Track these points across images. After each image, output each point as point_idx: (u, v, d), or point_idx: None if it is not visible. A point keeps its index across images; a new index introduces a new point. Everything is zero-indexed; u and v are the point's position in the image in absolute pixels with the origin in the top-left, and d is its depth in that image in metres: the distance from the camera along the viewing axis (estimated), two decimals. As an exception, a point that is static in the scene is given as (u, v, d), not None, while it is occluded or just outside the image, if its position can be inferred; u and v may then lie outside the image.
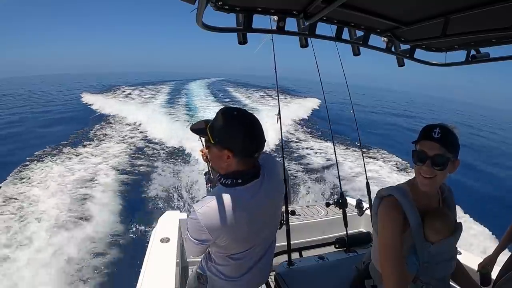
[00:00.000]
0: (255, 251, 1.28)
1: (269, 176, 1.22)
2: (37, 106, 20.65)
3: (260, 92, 26.90)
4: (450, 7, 1.09)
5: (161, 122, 12.66)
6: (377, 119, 22.27)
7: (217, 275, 1.29)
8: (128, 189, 6.78)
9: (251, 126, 1.11)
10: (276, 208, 1.36)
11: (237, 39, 1.29)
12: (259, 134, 1.12)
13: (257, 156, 1.16)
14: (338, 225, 2.56)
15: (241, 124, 1.10)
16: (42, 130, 12.61)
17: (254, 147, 1.12)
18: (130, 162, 8.49)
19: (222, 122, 1.10)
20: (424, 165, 1.09)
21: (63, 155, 8.79)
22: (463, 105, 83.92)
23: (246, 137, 1.09)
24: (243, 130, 1.09)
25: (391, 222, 1.14)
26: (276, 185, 1.27)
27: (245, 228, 1.15)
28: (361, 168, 8.57)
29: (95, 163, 8.22)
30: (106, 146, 9.91)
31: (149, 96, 22.01)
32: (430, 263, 1.16)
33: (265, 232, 1.28)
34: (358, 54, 1.60)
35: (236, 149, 1.10)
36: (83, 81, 46.42)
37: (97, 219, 5.38)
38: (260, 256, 1.32)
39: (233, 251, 1.22)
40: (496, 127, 32.32)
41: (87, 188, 6.61)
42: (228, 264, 1.26)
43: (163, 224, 2.60)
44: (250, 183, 1.15)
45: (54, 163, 8.03)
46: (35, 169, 7.52)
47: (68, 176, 7.21)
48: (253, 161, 1.17)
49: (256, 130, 1.12)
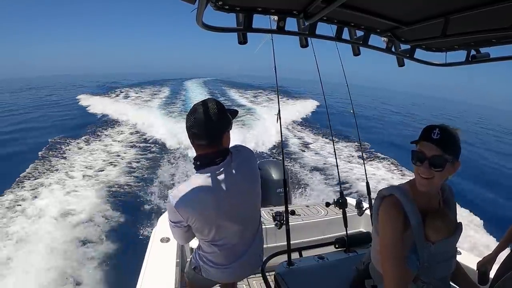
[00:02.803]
0: (238, 238, 1.39)
1: (238, 164, 1.35)
2: (29, 108, 20.03)
3: (260, 92, 26.88)
4: (450, 7, 1.09)
5: (161, 122, 12.66)
6: (377, 119, 22.26)
7: (207, 264, 1.42)
8: (128, 189, 6.78)
9: (199, 115, 1.25)
10: (249, 196, 1.42)
11: (237, 39, 1.29)
12: (202, 124, 1.25)
13: (205, 144, 1.28)
14: (338, 225, 2.56)
15: (192, 112, 1.27)
16: (39, 131, 12.54)
17: (197, 135, 1.27)
18: (130, 162, 8.50)
19: (188, 112, 1.31)
20: (422, 165, 1.09)
21: (63, 154, 8.80)
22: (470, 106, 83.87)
23: (192, 125, 1.26)
24: (191, 118, 1.26)
25: (392, 221, 1.14)
26: (246, 173, 1.39)
27: (210, 209, 1.28)
28: (361, 168, 8.58)
29: (94, 163, 8.23)
30: (106, 146, 9.91)
31: (148, 98, 21.94)
32: (431, 263, 1.16)
33: (240, 218, 1.37)
34: (358, 54, 1.60)
35: (190, 135, 1.29)
36: (79, 82, 46.11)
37: (97, 219, 5.38)
38: (247, 244, 1.43)
39: (211, 235, 1.34)
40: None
41: (87, 188, 6.62)
42: (214, 252, 1.39)
43: (163, 224, 2.60)
44: (212, 167, 1.29)
45: (54, 163, 8.04)
46: (34, 169, 7.53)
47: (68, 176, 7.21)
48: (211, 148, 1.29)
49: (202, 119, 1.25)
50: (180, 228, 1.35)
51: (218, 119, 1.27)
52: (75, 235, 4.82)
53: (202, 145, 1.29)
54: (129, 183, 7.09)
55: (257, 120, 13.56)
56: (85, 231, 4.97)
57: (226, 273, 1.44)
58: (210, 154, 1.29)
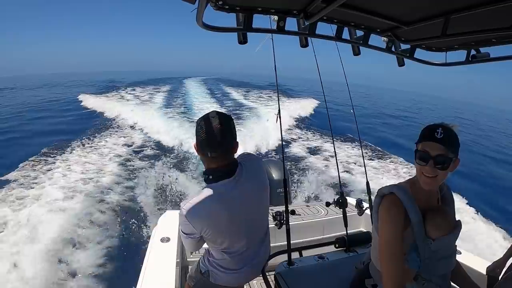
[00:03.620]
0: (249, 244, 1.41)
1: (248, 174, 1.35)
2: (26, 107, 19.54)
3: (260, 91, 26.85)
4: (450, 7, 1.09)
5: (160, 122, 12.65)
6: (377, 118, 22.25)
7: (217, 268, 1.44)
8: (128, 189, 6.78)
9: (210, 128, 1.24)
10: (259, 204, 1.44)
11: (237, 38, 1.29)
12: (215, 136, 1.23)
13: (217, 156, 1.26)
14: (338, 224, 2.56)
15: (202, 126, 1.25)
16: (37, 132, 12.46)
17: (210, 147, 1.25)
18: (130, 162, 8.50)
19: (196, 125, 1.29)
20: (427, 165, 1.09)
21: (63, 155, 8.80)
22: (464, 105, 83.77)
23: (204, 138, 1.25)
24: (202, 131, 1.25)
25: (393, 219, 1.15)
26: (255, 182, 1.40)
27: (224, 221, 1.29)
28: (361, 168, 8.58)
29: (94, 163, 8.23)
30: (106, 146, 9.91)
31: (147, 97, 21.92)
32: (431, 260, 1.17)
33: (251, 227, 1.40)
34: (358, 54, 1.61)
35: (201, 148, 1.27)
36: (79, 81, 45.81)
37: (97, 219, 5.38)
38: (256, 249, 1.47)
39: (224, 244, 1.36)
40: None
41: (87, 188, 6.62)
42: (224, 258, 1.41)
43: (163, 224, 2.60)
44: (224, 180, 1.29)
45: (54, 163, 8.04)
46: (33, 170, 7.53)
47: (67, 176, 7.21)
48: (223, 160, 1.29)
49: (214, 132, 1.23)
50: (193, 239, 1.37)
51: (229, 131, 1.28)
52: (75, 235, 4.83)
53: (214, 158, 1.27)
54: (129, 183, 7.10)
55: (257, 119, 13.56)
56: (85, 231, 4.97)
57: (235, 277, 1.47)
58: (222, 167, 1.29)
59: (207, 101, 20.45)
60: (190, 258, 2.77)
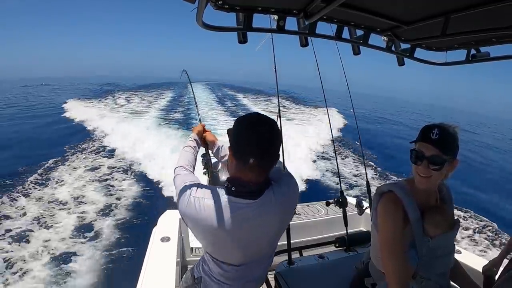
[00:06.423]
0: (248, 264, 1.21)
1: (277, 200, 1.10)
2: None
3: (259, 95, 26.83)
4: (450, 6, 1.09)
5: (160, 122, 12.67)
6: (377, 119, 22.22)
7: (209, 276, 1.25)
8: (128, 189, 6.79)
9: (258, 130, 1.03)
10: (276, 230, 1.21)
11: (237, 38, 1.29)
12: (263, 141, 1.02)
13: (257, 166, 1.03)
14: (338, 224, 2.56)
15: (247, 127, 1.05)
16: (33, 135, 12.34)
17: (254, 154, 1.01)
18: (130, 162, 8.50)
19: (234, 125, 1.09)
20: (421, 165, 1.11)
21: (63, 157, 8.81)
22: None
23: (248, 142, 1.02)
24: (247, 133, 1.03)
25: (392, 216, 1.16)
26: (282, 211, 1.15)
27: (227, 239, 1.09)
28: (361, 168, 8.58)
29: (94, 162, 8.23)
30: (106, 145, 9.92)
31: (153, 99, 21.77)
32: (430, 257, 1.17)
33: (255, 250, 1.20)
34: (358, 53, 1.60)
35: (239, 152, 1.06)
36: (67, 86, 44.11)
37: (96, 219, 5.39)
38: (255, 268, 1.26)
39: (209, 250, 1.18)
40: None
41: (86, 188, 6.63)
42: (218, 270, 1.21)
43: (163, 223, 2.60)
44: (246, 200, 1.05)
45: (55, 164, 8.05)
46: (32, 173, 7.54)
47: (67, 176, 7.23)
48: (259, 175, 1.06)
49: (263, 136, 1.03)
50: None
51: (277, 138, 1.07)
52: (75, 235, 4.83)
53: (251, 168, 1.03)
54: (129, 183, 7.10)
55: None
56: (85, 231, 4.98)
57: None
58: (253, 184, 1.05)
59: (209, 106, 20.34)
60: (190, 257, 2.77)
